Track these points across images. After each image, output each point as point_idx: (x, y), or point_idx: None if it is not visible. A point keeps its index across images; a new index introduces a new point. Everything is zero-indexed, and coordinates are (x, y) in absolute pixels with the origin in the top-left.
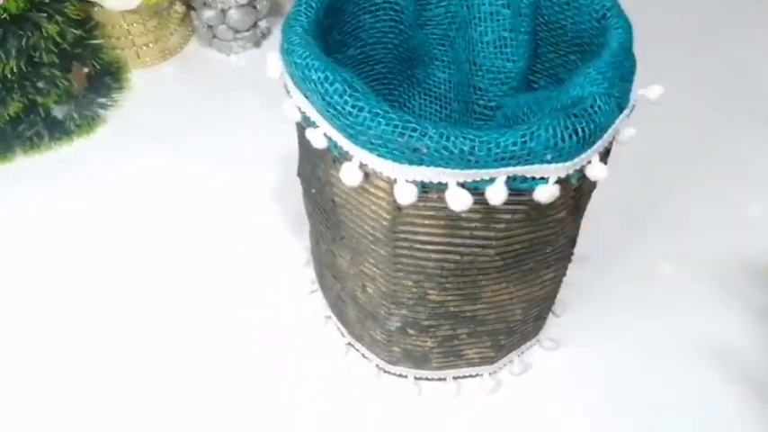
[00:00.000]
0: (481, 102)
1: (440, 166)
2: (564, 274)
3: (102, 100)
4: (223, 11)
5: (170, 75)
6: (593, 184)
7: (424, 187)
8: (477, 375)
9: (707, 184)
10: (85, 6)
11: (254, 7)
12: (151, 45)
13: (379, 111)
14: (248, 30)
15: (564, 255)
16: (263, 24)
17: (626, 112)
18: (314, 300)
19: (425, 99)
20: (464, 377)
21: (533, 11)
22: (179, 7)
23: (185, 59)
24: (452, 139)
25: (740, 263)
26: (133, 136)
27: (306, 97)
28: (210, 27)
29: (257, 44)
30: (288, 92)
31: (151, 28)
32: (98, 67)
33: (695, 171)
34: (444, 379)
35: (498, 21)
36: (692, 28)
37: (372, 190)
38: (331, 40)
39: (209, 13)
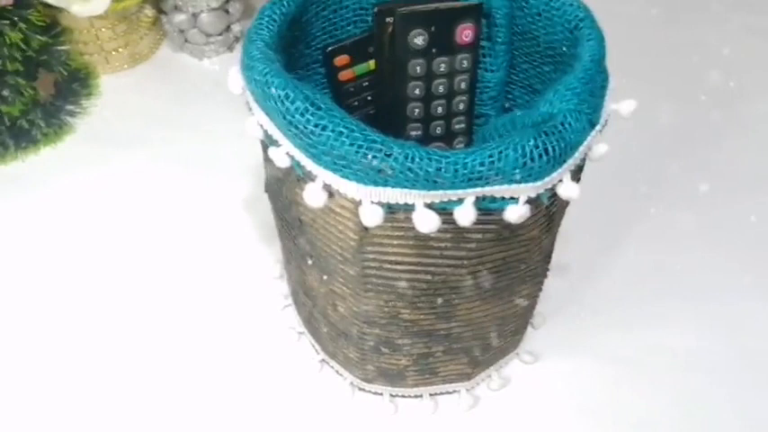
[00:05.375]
0: None
1: (406, 187)
2: (540, 290)
3: (71, 107)
4: (195, 15)
5: (140, 80)
6: (565, 202)
7: (390, 208)
8: (454, 392)
9: (683, 195)
10: (51, 11)
11: (227, 11)
12: (121, 50)
13: (342, 129)
14: (221, 34)
15: (539, 271)
16: (235, 28)
17: (597, 128)
18: (287, 314)
19: None
20: (441, 394)
21: (509, 21)
22: (149, 11)
23: (156, 64)
24: (418, 160)
25: (719, 273)
26: (103, 144)
27: (267, 115)
28: (182, 31)
29: (230, 48)
30: (250, 108)
31: (120, 33)
32: (65, 73)
33: (671, 183)
34: (421, 396)
35: None
36: (667, 39)
37: (338, 210)
38: (298, 53)
39: (180, 17)
